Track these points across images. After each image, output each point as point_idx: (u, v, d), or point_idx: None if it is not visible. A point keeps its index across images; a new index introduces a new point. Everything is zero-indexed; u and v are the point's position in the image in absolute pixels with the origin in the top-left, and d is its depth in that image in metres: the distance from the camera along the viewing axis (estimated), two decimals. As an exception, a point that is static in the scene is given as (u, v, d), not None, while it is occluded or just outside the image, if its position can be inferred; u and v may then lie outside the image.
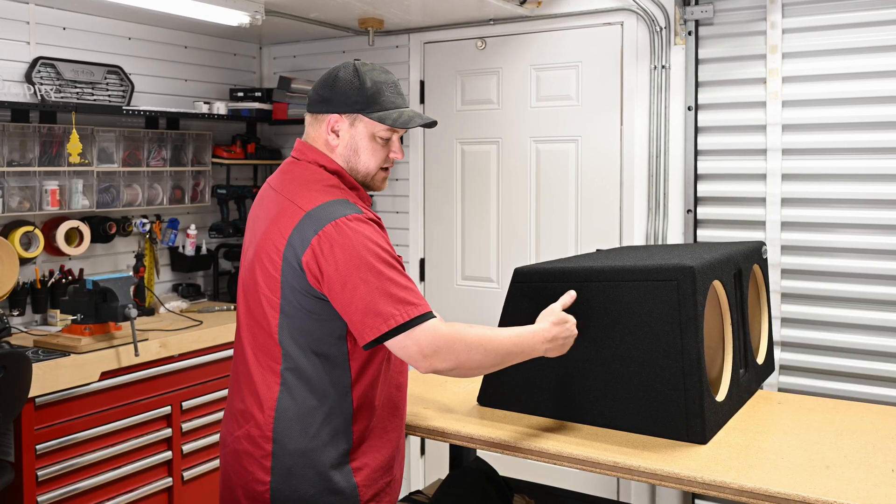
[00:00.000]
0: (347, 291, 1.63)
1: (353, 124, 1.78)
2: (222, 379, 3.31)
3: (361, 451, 1.76)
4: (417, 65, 3.88)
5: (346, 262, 1.63)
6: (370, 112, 1.76)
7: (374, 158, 1.80)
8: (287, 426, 1.72)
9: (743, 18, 3.10)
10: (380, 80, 1.78)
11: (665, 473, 1.71)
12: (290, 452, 1.71)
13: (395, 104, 1.79)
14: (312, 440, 1.71)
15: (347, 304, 1.64)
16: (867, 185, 2.92)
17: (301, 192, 1.74)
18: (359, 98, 1.76)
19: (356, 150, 1.79)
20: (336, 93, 1.78)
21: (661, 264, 1.89)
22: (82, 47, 3.43)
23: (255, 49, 4.32)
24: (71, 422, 2.77)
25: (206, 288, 4.02)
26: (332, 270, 1.63)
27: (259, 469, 1.73)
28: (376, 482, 1.78)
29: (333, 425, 1.72)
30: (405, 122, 1.77)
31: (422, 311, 1.64)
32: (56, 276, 3.30)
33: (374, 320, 1.62)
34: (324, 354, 1.72)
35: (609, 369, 1.94)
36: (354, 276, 1.62)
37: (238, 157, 3.98)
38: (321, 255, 1.64)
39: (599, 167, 3.45)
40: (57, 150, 3.23)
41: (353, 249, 1.63)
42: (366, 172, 1.81)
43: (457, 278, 3.83)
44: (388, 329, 1.62)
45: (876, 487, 1.63)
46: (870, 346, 2.92)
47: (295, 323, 1.71)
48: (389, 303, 1.62)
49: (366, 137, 1.78)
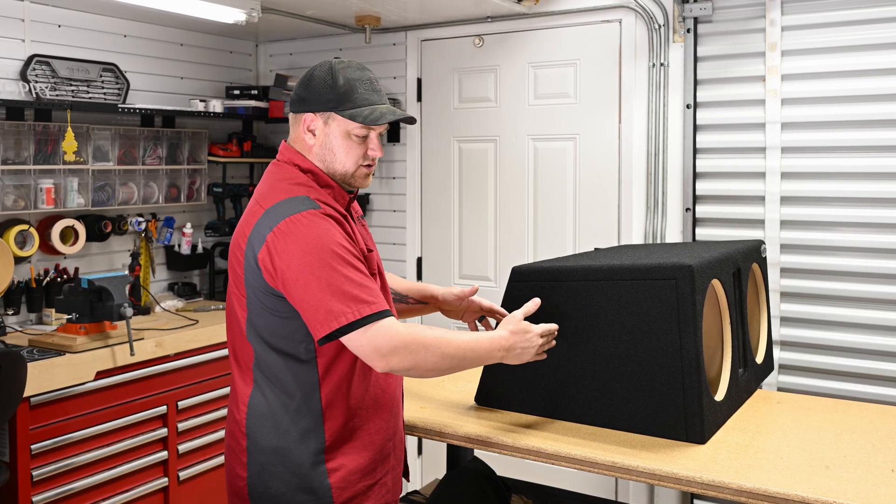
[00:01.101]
0: (300, 287, 1.62)
1: (326, 122, 1.77)
2: (218, 378, 3.31)
3: (338, 451, 1.75)
4: (414, 62, 3.87)
5: (298, 258, 1.63)
6: (342, 110, 1.75)
7: (350, 157, 1.78)
8: (258, 423, 1.74)
9: (742, 16, 3.09)
10: (353, 77, 1.76)
11: (664, 473, 1.70)
12: (262, 449, 1.74)
13: (368, 101, 1.76)
14: (283, 438, 1.72)
15: (301, 301, 1.63)
16: (867, 184, 2.91)
17: (266, 192, 1.75)
18: (331, 96, 1.75)
19: (331, 148, 1.78)
20: (311, 91, 1.77)
21: (660, 263, 1.88)
22: (77, 45, 3.42)
23: (251, 47, 4.31)
24: (66, 421, 2.76)
25: (201, 287, 4.01)
26: (285, 267, 1.64)
27: (238, 464, 1.78)
28: (353, 485, 1.75)
29: (303, 424, 1.73)
30: (376, 118, 1.74)
31: (375, 309, 1.63)
32: (51, 275, 3.29)
33: (325, 317, 1.61)
34: (288, 352, 1.72)
35: (607, 369, 1.93)
36: (307, 273, 1.62)
37: (234, 156, 3.97)
38: (275, 251, 1.65)
39: (598, 165, 3.44)
40: (52, 149, 3.22)
41: (306, 245, 1.63)
42: (343, 171, 1.79)
43: (454, 277, 3.82)
44: (339, 326, 1.61)
45: (876, 487, 1.62)
46: (870, 345, 2.91)
47: (260, 321, 1.73)
48: (341, 300, 1.61)
49: (340, 136, 1.77)
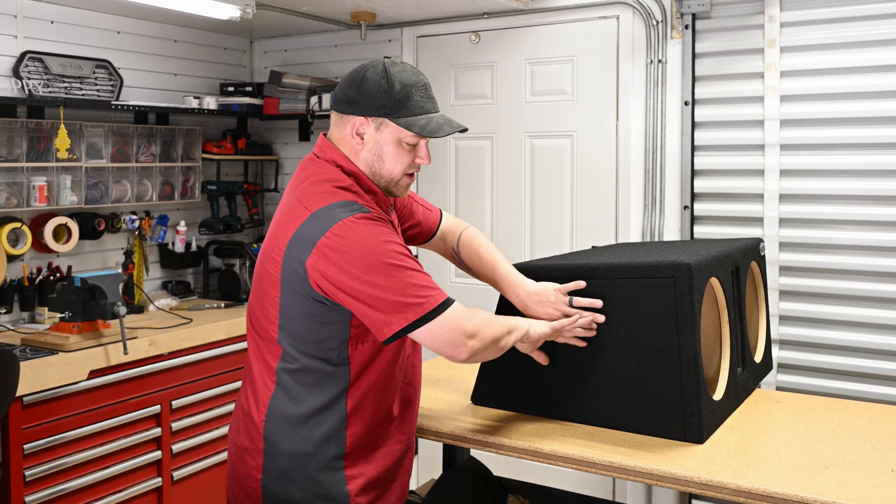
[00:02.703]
0: (367, 288, 1.58)
1: (378, 129, 1.70)
2: (212, 377, 3.30)
3: (358, 458, 1.73)
4: (410, 59, 3.85)
5: (359, 260, 1.58)
6: (397, 117, 1.68)
7: (398, 164, 1.73)
8: (278, 426, 1.70)
9: (740, 12, 3.07)
10: (409, 82, 1.70)
11: (661, 473, 1.70)
12: (281, 453, 1.70)
13: (423, 109, 1.70)
14: (303, 443, 1.69)
15: (367, 303, 1.59)
16: (867, 181, 2.90)
17: (310, 192, 1.69)
18: (386, 101, 1.68)
19: (381, 155, 1.72)
20: (363, 94, 1.69)
21: (658, 261, 1.87)
22: (70, 41, 3.41)
23: (245, 43, 4.30)
24: (59, 421, 2.75)
25: (195, 285, 4.00)
26: (345, 272, 1.59)
27: (253, 466, 1.73)
28: (371, 491, 1.74)
29: (325, 429, 1.69)
30: (433, 129, 1.69)
31: (444, 296, 1.63)
32: (44, 274, 3.28)
33: (398, 312, 1.59)
34: (321, 357, 1.69)
35: (605, 368, 1.93)
36: (372, 273, 1.58)
37: (228, 153, 3.96)
38: (330, 257, 1.59)
39: (595, 163, 3.42)
40: (45, 146, 3.20)
41: (365, 247, 1.59)
42: (389, 178, 1.74)
43: (450, 275, 3.81)
44: (417, 317, 1.59)
45: (875, 487, 1.61)
46: (869, 343, 2.90)
47: (294, 324, 1.68)
48: (413, 293, 1.59)
49: (391, 143, 1.71)
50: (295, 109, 3.91)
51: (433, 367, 2.51)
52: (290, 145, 4.24)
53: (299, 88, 3.91)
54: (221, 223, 3.96)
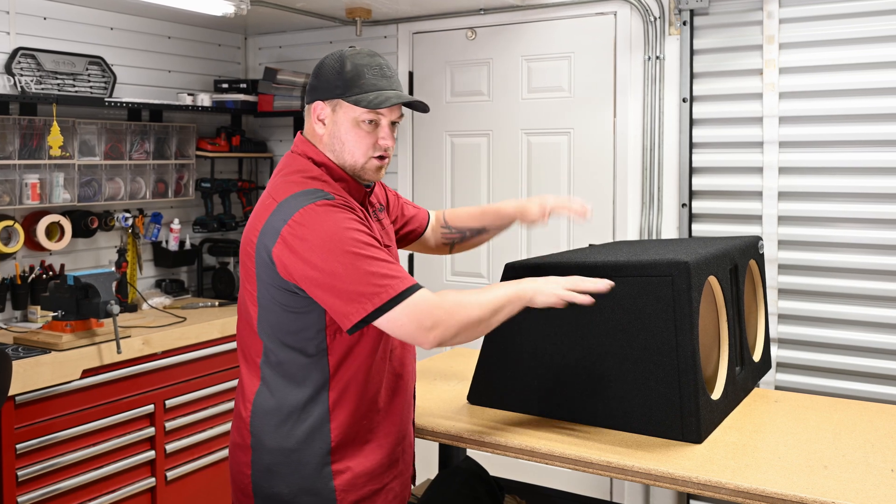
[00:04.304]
0: (325, 277, 1.58)
1: (334, 111, 1.73)
2: (207, 377, 3.28)
3: (344, 453, 1.72)
4: (406, 56, 3.83)
5: (318, 247, 1.58)
6: (348, 96, 1.70)
7: (359, 146, 1.72)
8: (263, 421, 1.72)
9: (739, 8, 3.06)
10: (362, 62, 1.72)
11: (659, 473, 1.69)
12: (266, 448, 1.71)
13: (375, 86, 1.71)
14: (287, 437, 1.70)
15: (326, 291, 1.59)
16: (866, 179, 2.88)
17: (279, 184, 1.72)
18: (339, 82, 1.71)
19: (340, 138, 1.73)
20: (320, 80, 1.74)
21: (656, 259, 1.86)
22: (63, 38, 3.39)
23: (240, 39, 4.28)
24: (52, 421, 2.74)
25: (189, 284, 3.98)
26: (303, 259, 1.60)
27: (243, 461, 1.76)
28: (359, 488, 1.73)
29: (309, 423, 1.69)
30: (380, 101, 1.68)
31: (407, 283, 1.59)
32: (36, 272, 3.26)
33: (357, 301, 1.57)
34: (299, 349, 1.69)
35: (602, 367, 1.92)
36: (330, 262, 1.58)
37: (223, 150, 3.94)
38: (291, 244, 1.61)
39: (592, 160, 3.41)
40: (37, 143, 3.19)
41: (324, 234, 1.59)
42: (352, 161, 1.74)
43: (446, 274, 3.79)
44: (375, 308, 1.57)
45: (875, 488, 1.61)
46: (869, 342, 2.89)
47: (270, 316, 1.69)
48: (371, 281, 1.57)
49: (348, 124, 1.72)
50: (290, 106, 3.89)
51: (429, 365, 2.50)
52: (284, 142, 4.22)
53: (294, 85, 3.89)
54: (216, 221, 3.94)
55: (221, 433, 3.32)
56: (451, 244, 2.24)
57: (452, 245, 2.24)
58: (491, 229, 2.23)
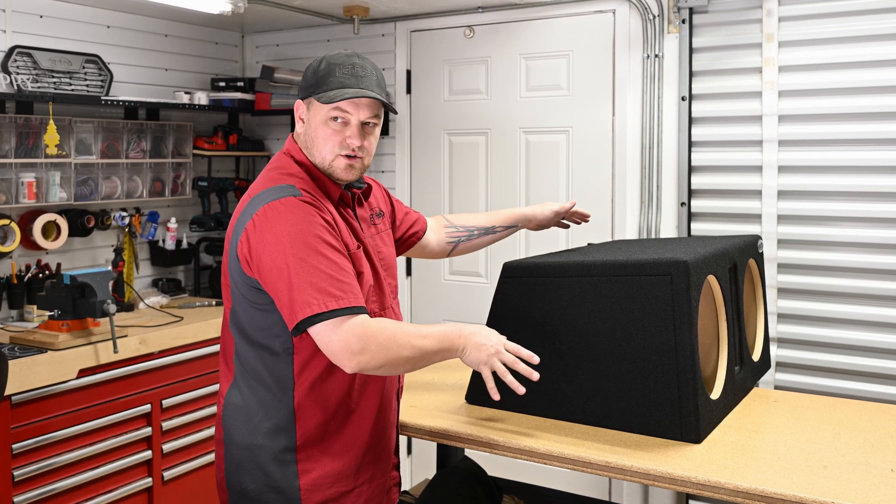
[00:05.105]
0: (273, 275, 1.60)
1: (308, 108, 1.77)
2: (204, 376, 3.27)
3: (310, 452, 1.72)
4: (404, 54, 3.82)
5: (272, 245, 1.60)
6: (318, 93, 1.73)
7: (327, 144, 1.74)
8: (233, 417, 1.75)
9: (738, 6, 3.05)
10: (336, 62, 1.74)
11: (658, 473, 1.69)
12: (235, 444, 1.74)
13: (342, 84, 1.72)
14: (253, 434, 1.72)
15: (273, 290, 1.62)
16: (866, 178, 2.88)
17: (257, 182, 1.76)
18: (312, 80, 1.75)
19: (312, 136, 1.77)
20: (303, 79, 1.80)
21: (654, 258, 1.86)
22: (60, 35, 3.38)
23: (237, 38, 4.27)
24: (48, 420, 2.73)
25: (186, 283, 3.97)
26: (259, 255, 1.62)
27: (218, 456, 1.81)
28: (325, 489, 1.72)
29: (274, 420, 1.71)
30: (333, 96, 1.69)
31: (344, 304, 1.57)
32: (33, 271, 3.25)
33: (293, 307, 1.57)
34: (265, 346, 1.71)
35: (601, 367, 1.91)
36: (279, 261, 1.59)
37: (220, 149, 3.93)
38: (252, 239, 1.64)
39: (591, 159, 3.40)
40: (34, 142, 3.17)
41: (280, 233, 1.61)
42: (321, 159, 1.76)
43: (444, 273, 3.78)
44: (304, 317, 1.56)
45: (875, 488, 1.60)
46: (869, 342, 2.88)
47: (241, 313, 1.72)
48: (310, 290, 1.56)
49: (320, 121, 1.74)
50: (287, 105, 3.88)
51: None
52: (282, 141, 4.21)
53: (291, 83, 3.88)
54: (212, 220, 3.93)
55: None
56: (457, 242, 2.26)
57: (458, 244, 2.26)
58: (499, 229, 2.28)
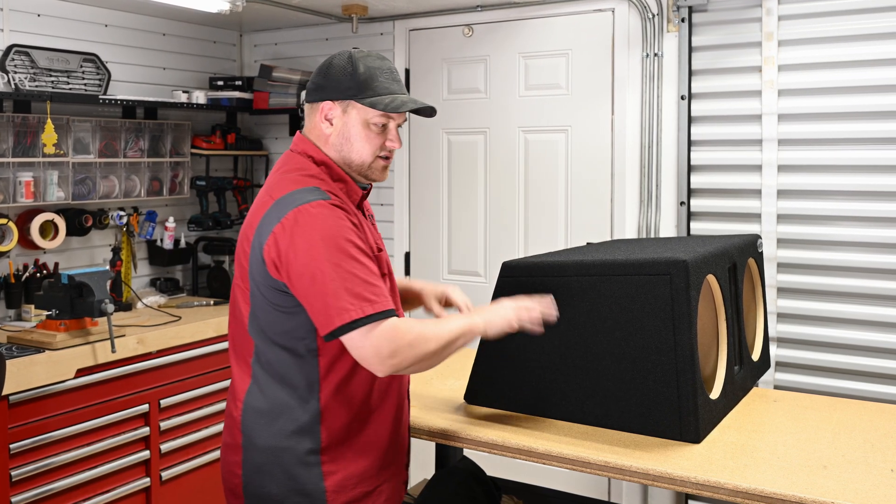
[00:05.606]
0: (306, 281, 1.60)
1: (345, 111, 1.75)
2: (202, 376, 3.27)
3: (335, 454, 1.71)
4: (402, 53, 3.81)
5: (305, 250, 1.59)
6: (362, 98, 1.72)
7: (367, 146, 1.75)
8: (254, 420, 1.72)
9: (738, 5, 3.04)
10: (374, 65, 1.75)
11: (657, 473, 1.69)
12: (258, 448, 1.71)
13: (388, 90, 1.75)
14: (277, 437, 1.70)
15: (306, 295, 1.61)
16: (866, 177, 2.87)
17: (277, 182, 1.73)
18: (351, 84, 1.73)
19: (349, 137, 1.75)
20: (329, 79, 1.75)
21: (654, 258, 1.85)
22: (57, 34, 3.37)
23: (235, 36, 4.26)
24: (45, 420, 2.72)
25: (184, 282, 3.96)
26: (290, 259, 1.61)
27: (234, 461, 1.76)
28: (349, 490, 1.72)
29: (299, 423, 1.69)
30: (396, 106, 1.72)
31: (378, 308, 1.59)
32: (30, 271, 3.24)
33: (329, 313, 1.58)
34: (290, 348, 1.69)
35: (600, 366, 1.91)
36: (312, 266, 1.59)
37: (218, 148, 3.92)
38: (281, 243, 1.62)
39: (590, 158, 3.39)
40: (31, 141, 3.17)
41: (312, 237, 1.60)
42: (360, 162, 1.76)
43: (443, 272, 3.77)
44: (342, 323, 1.57)
45: (875, 488, 1.60)
46: (869, 342, 2.88)
47: (262, 315, 1.70)
48: (346, 296, 1.57)
49: (359, 124, 1.74)
50: (285, 104, 3.87)
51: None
52: (280, 140, 4.20)
53: (290, 82, 3.87)
54: (211, 219, 3.92)
55: (216, 433, 3.30)
56: None
57: None
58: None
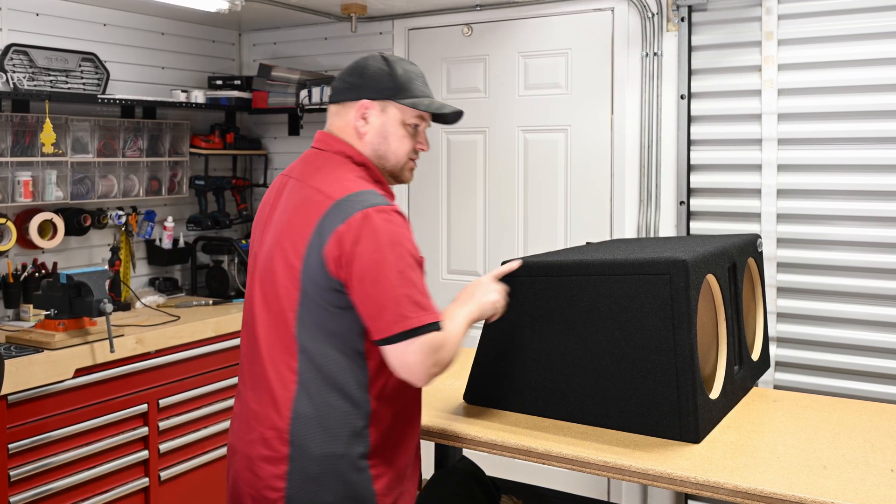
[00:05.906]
0: (368, 284, 1.59)
1: (384, 111, 1.76)
2: (200, 376, 3.26)
3: (380, 456, 1.70)
4: (402, 52, 3.81)
5: (371, 252, 1.59)
6: (402, 98, 1.75)
7: (402, 147, 1.78)
8: (306, 428, 1.65)
9: (737, 4, 3.04)
10: (410, 69, 1.80)
11: (657, 473, 1.69)
12: (311, 457, 1.65)
13: (424, 94, 1.80)
14: (332, 443, 1.65)
15: (365, 297, 1.61)
16: (866, 176, 2.87)
17: (328, 182, 1.70)
18: (391, 84, 1.76)
19: (386, 136, 1.76)
20: (366, 79, 1.77)
21: (653, 258, 1.85)
22: (56, 34, 3.37)
23: (234, 36, 4.25)
24: (44, 420, 2.71)
25: (183, 282, 3.96)
26: (355, 261, 1.60)
27: (273, 475, 1.66)
28: (392, 490, 1.72)
29: (352, 426, 1.66)
30: (438, 107, 1.78)
31: (433, 318, 1.63)
32: (29, 270, 3.24)
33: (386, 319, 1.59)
34: (341, 350, 1.66)
35: (600, 366, 1.90)
36: (376, 269, 1.59)
37: (216, 147, 3.92)
38: (346, 243, 1.60)
39: (589, 157, 3.39)
40: (30, 140, 3.16)
41: (380, 243, 1.60)
42: (395, 161, 1.78)
43: (442, 272, 3.77)
44: (401, 331, 1.59)
45: (874, 488, 1.60)
46: (868, 341, 2.87)
47: (314, 317, 1.65)
48: (407, 304, 1.60)
49: (397, 124, 1.77)
50: (284, 103, 3.87)
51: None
52: (279, 140, 4.19)
53: (289, 82, 3.86)
54: (209, 219, 3.92)
55: (215, 433, 3.30)
56: None
57: None
58: None
